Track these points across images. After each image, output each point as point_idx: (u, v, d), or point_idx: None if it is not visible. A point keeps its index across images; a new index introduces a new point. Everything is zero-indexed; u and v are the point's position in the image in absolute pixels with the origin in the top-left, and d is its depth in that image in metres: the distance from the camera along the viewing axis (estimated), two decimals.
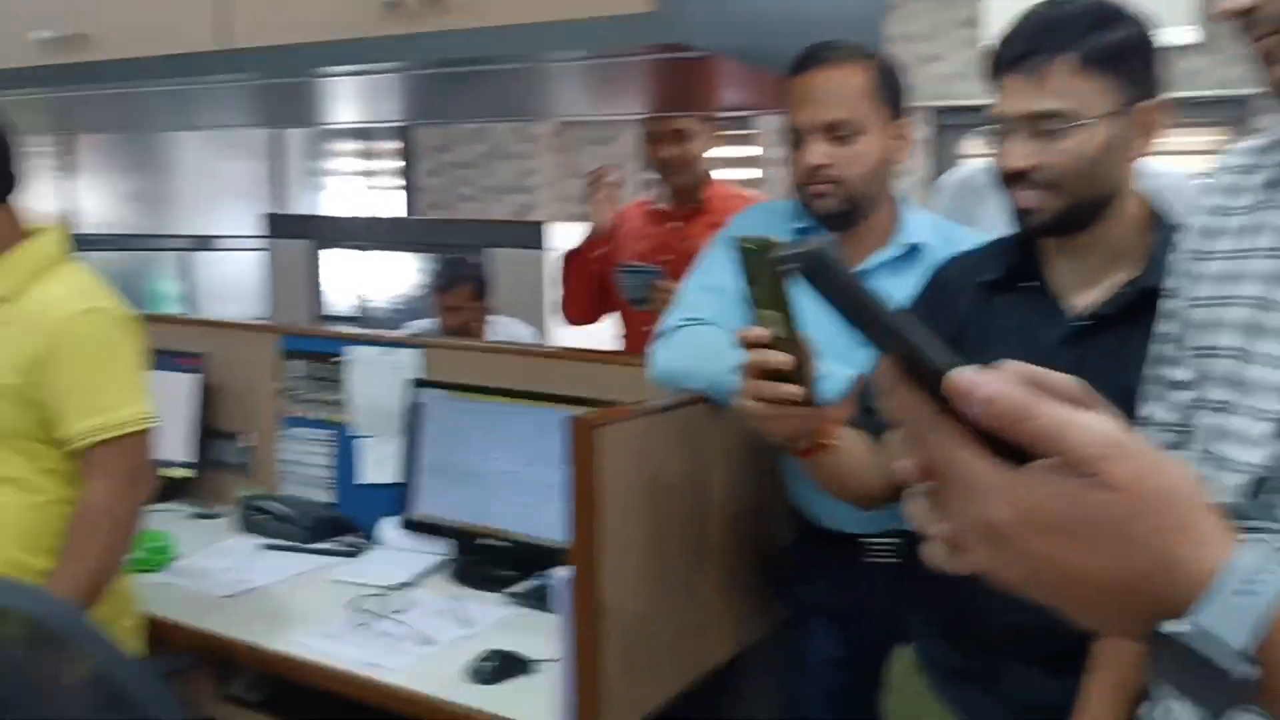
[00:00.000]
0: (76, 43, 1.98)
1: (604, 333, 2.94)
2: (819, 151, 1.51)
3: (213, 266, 6.13)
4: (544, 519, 1.93)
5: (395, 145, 7.22)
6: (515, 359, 2.16)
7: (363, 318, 5.58)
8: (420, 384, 2.13)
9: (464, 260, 3.40)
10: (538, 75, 2.08)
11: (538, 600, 1.83)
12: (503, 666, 1.56)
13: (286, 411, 2.35)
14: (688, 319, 1.59)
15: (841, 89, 1.52)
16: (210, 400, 2.40)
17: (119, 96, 2.34)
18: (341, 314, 5.63)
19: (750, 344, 1.13)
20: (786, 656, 1.67)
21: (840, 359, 1.52)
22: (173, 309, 5.67)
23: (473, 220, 6.15)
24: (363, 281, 5.69)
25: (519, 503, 1.98)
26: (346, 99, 2.52)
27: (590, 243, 2.71)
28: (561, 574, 1.35)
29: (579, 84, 2.26)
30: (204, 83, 1.97)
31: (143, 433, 1.62)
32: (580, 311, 2.85)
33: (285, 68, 1.89)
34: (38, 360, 1.55)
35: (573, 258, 2.76)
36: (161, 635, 1.72)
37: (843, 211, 1.53)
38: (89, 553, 1.56)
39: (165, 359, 2.40)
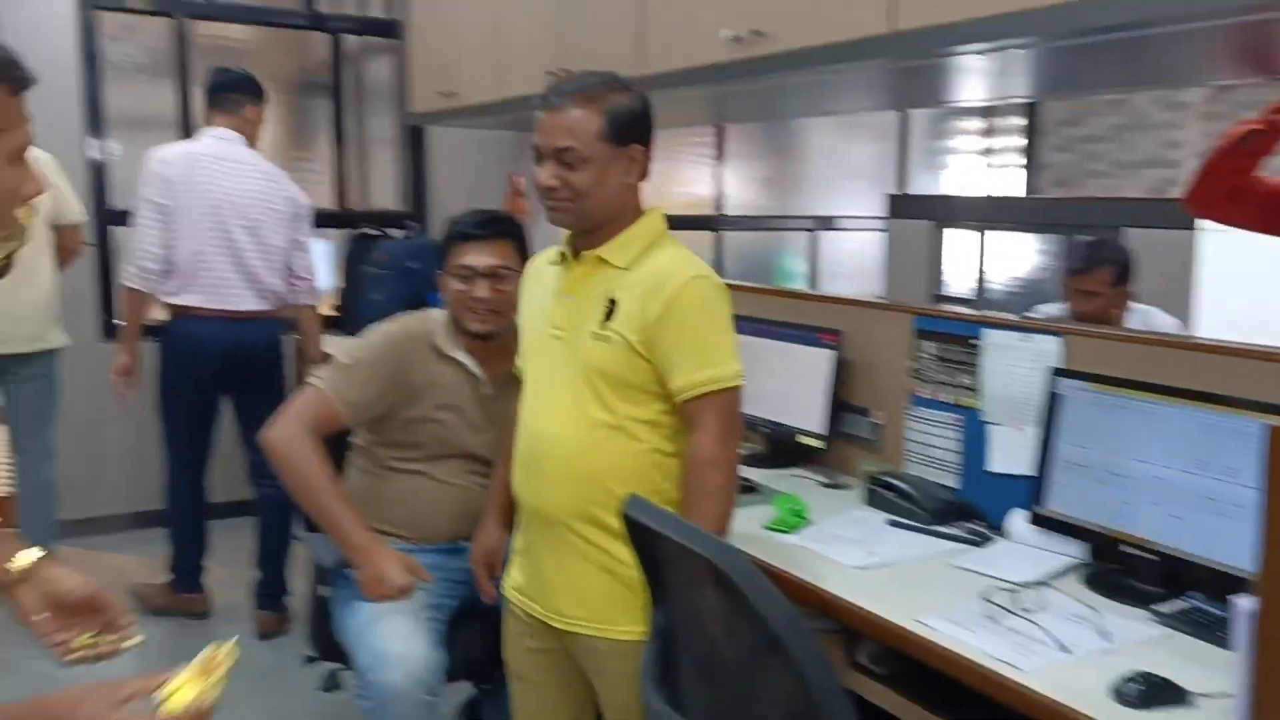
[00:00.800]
0: (755, 39, 2.16)
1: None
2: None
3: (834, 245, 6.43)
4: (1200, 534, 1.72)
5: (1019, 122, 6.96)
6: (1170, 352, 1.93)
7: (979, 299, 5.48)
8: (1061, 373, 2.01)
9: (1105, 241, 3.16)
10: (1193, 37, 1.82)
11: (1191, 624, 1.64)
12: (1152, 692, 1.41)
13: (915, 391, 2.37)
14: None
15: None
16: (843, 375, 2.49)
17: (765, 87, 2.51)
18: (958, 295, 5.59)
19: None
20: None
21: None
22: (797, 286, 6.06)
23: (1110, 198, 5.71)
24: (981, 262, 5.58)
25: (1169, 512, 1.78)
26: (984, 75, 2.45)
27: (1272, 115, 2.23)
28: (1245, 603, 1.18)
29: (1242, 43, 1.94)
30: (869, 67, 2.03)
31: (737, 389, 1.77)
32: (1203, 200, 2.41)
33: (938, 46, 1.88)
34: (655, 321, 1.74)
35: (1240, 135, 2.30)
36: (793, 594, 1.82)
37: None
38: (710, 493, 1.74)
39: (805, 333, 2.55)
